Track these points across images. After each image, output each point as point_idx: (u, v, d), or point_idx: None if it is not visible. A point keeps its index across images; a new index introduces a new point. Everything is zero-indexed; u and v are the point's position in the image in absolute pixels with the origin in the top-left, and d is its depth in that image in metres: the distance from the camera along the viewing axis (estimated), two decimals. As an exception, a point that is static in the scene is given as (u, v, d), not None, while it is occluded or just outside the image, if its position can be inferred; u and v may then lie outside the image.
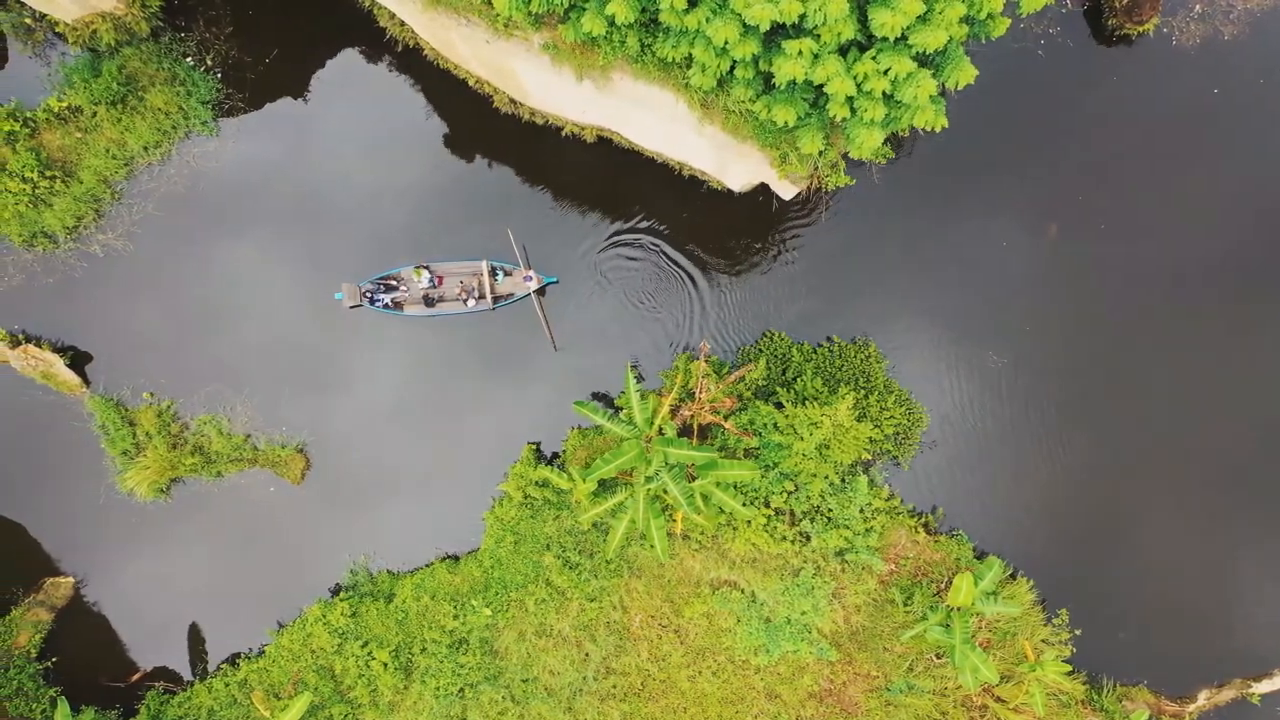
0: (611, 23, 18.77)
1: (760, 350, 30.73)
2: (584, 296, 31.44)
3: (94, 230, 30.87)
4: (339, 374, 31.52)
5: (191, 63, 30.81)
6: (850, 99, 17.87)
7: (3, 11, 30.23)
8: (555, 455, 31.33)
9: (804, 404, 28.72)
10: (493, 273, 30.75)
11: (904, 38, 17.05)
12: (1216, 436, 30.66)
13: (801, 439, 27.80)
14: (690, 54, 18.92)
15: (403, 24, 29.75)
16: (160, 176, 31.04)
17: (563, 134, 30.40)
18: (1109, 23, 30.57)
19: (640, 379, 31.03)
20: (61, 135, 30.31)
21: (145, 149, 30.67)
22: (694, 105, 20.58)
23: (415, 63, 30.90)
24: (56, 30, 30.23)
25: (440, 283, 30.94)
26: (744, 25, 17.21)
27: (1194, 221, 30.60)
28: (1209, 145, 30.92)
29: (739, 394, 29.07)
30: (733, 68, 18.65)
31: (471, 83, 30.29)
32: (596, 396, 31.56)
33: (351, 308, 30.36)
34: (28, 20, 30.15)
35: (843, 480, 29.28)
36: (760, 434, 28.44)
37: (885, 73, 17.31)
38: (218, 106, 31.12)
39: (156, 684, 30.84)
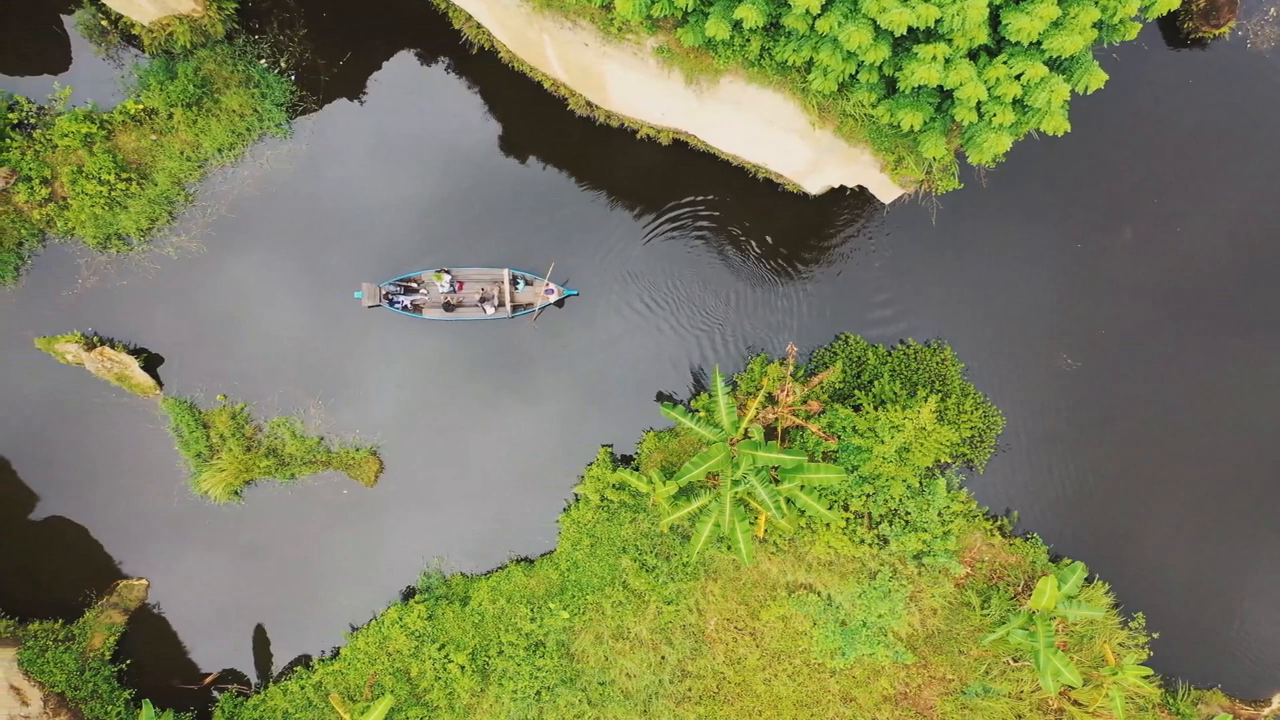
0: (735, 27, 18.81)
1: (835, 353, 30.71)
2: (639, 296, 31.34)
3: (167, 232, 30.84)
4: (406, 378, 31.49)
5: (265, 65, 30.77)
6: (979, 104, 17.86)
7: (79, 12, 30.21)
8: (626, 458, 31.29)
9: (882, 407, 28.71)
10: (514, 281, 30.67)
11: (1037, 43, 17.07)
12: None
13: (882, 442, 27.77)
14: (811, 58, 18.91)
15: (479, 26, 29.71)
16: (233, 179, 31.01)
17: (638, 136, 30.38)
18: (1184, 26, 30.52)
19: (698, 384, 31.15)
20: (137, 138, 30.29)
21: (219, 151, 30.64)
22: (810, 109, 20.53)
23: (490, 65, 30.80)
24: (132, 32, 30.21)
25: (460, 288, 30.89)
26: (875, 30, 17.21)
27: (1272, 225, 30.57)
28: (1284, 148, 30.90)
29: (816, 396, 29.03)
30: (855, 71, 18.66)
31: (547, 85, 30.26)
32: (661, 397, 31.53)
33: (370, 307, 30.29)
34: (103, 23, 30.13)
35: (920, 484, 29.24)
36: (840, 437, 28.41)
37: (1017, 78, 17.32)
38: (291, 109, 31.07)
39: (229, 686, 30.84)
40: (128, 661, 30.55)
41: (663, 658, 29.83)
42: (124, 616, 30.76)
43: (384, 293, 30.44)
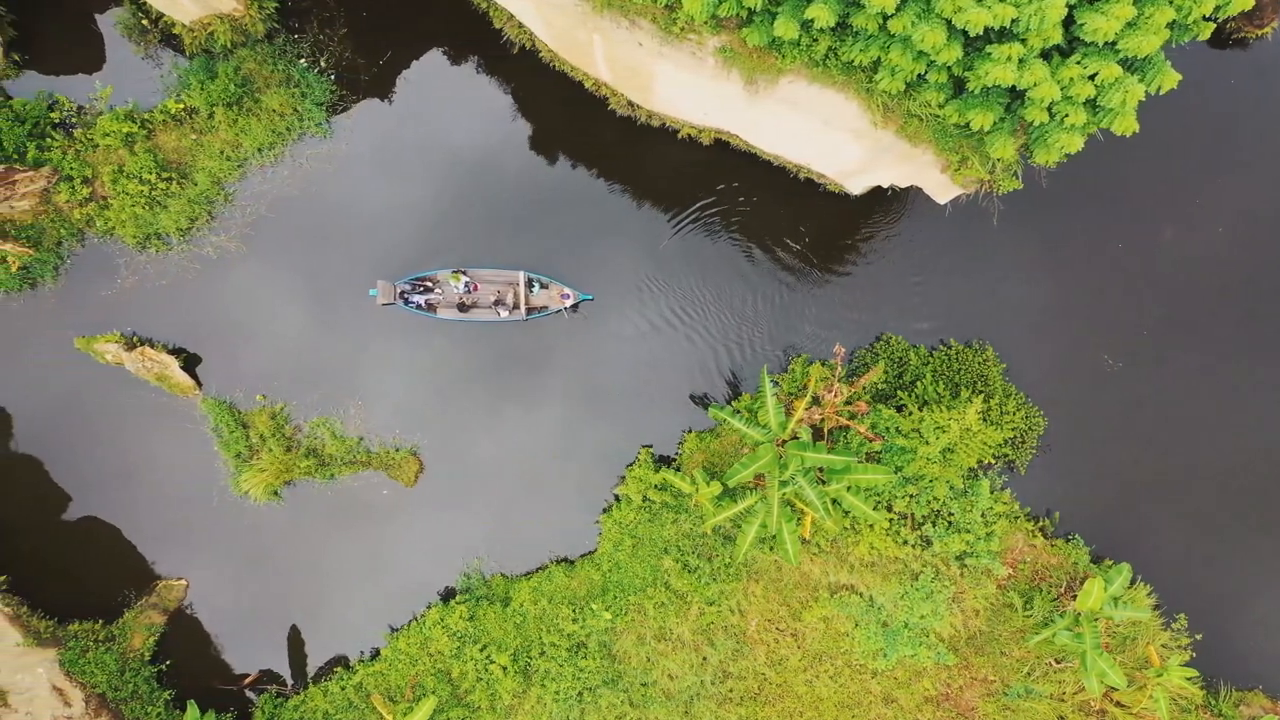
0: (803, 27, 18.75)
1: (877, 354, 30.65)
2: (672, 297, 31.33)
3: (206, 232, 30.78)
4: (438, 379, 31.45)
5: (305, 64, 30.69)
6: (1050, 104, 17.82)
7: (119, 12, 30.13)
8: (664, 459, 31.20)
9: (926, 408, 28.64)
10: (529, 284, 30.60)
11: (1111, 43, 17.01)
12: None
13: (927, 443, 27.73)
14: (878, 58, 18.85)
15: (520, 26, 29.63)
16: (273, 178, 30.93)
17: (679, 136, 30.31)
18: (1227, 25, 30.45)
19: (732, 384, 31.11)
20: (177, 137, 30.22)
21: (259, 151, 30.57)
22: (874, 109, 20.47)
23: (529, 64, 30.68)
24: (173, 32, 30.12)
25: (475, 289, 30.81)
26: (948, 30, 17.15)
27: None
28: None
29: (860, 397, 28.94)
30: (924, 71, 18.60)
31: (588, 85, 30.17)
32: (695, 399, 31.48)
33: (384, 305, 30.09)
34: (144, 22, 30.05)
35: (964, 485, 29.17)
36: (884, 437, 28.33)
37: (1091, 78, 17.27)
38: (331, 108, 30.98)
39: (269, 687, 30.77)
40: (167, 662, 30.50)
41: (704, 659, 29.77)
42: (163, 617, 30.72)
43: (399, 291, 30.33)
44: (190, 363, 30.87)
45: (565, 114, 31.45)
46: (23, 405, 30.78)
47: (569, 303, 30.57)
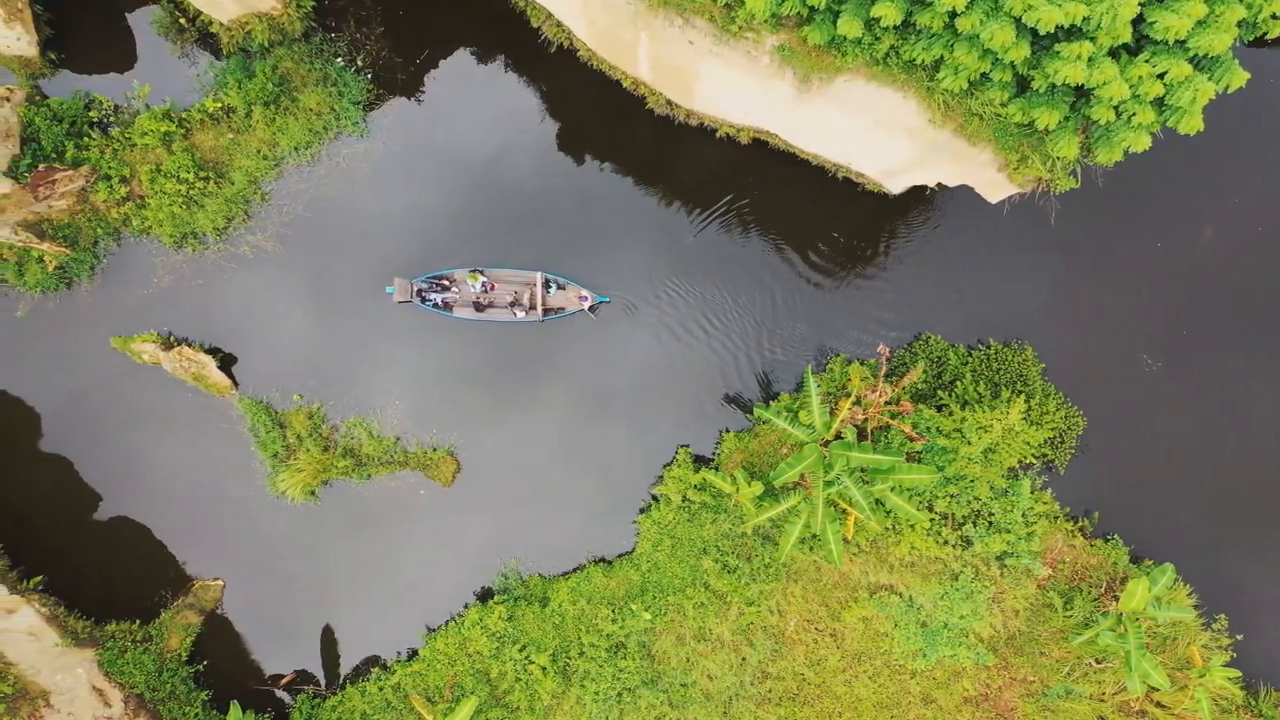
0: (866, 25, 18.69)
1: (916, 354, 30.57)
2: (702, 300, 31.25)
3: (243, 231, 30.70)
4: (480, 379, 31.38)
5: (342, 63, 30.60)
6: (1118, 103, 17.75)
7: (156, 10, 30.06)
8: (701, 459, 31.11)
9: (967, 408, 28.57)
10: (546, 285, 30.52)
11: (1181, 41, 16.96)
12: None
13: (969, 443, 27.67)
14: (941, 56, 18.79)
15: (559, 24, 29.52)
16: (310, 177, 30.84)
17: (717, 135, 30.22)
18: (1266, 24, 30.32)
19: (764, 385, 31.04)
20: (214, 136, 30.13)
21: (296, 150, 30.48)
22: (935, 107, 20.39)
23: (565, 63, 30.57)
24: (209, 31, 30.03)
25: (493, 289, 30.72)
26: (1017, 28, 17.09)
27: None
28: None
29: (903, 397, 28.87)
30: (988, 70, 18.52)
31: (626, 84, 30.06)
32: (728, 399, 31.41)
33: (400, 303, 29.95)
34: (181, 21, 29.96)
35: (1005, 485, 29.09)
36: (926, 437, 28.25)
37: (1160, 76, 17.21)
38: (367, 107, 30.90)
39: (305, 688, 30.71)
40: (204, 663, 30.44)
41: (743, 659, 29.71)
42: (200, 617, 30.66)
43: (416, 289, 30.24)
44: (226, 362, 30.81)
45: (601, 113, 31.36)
46: (58, 405, 30.72)
47: (586, 304, 30.49)
